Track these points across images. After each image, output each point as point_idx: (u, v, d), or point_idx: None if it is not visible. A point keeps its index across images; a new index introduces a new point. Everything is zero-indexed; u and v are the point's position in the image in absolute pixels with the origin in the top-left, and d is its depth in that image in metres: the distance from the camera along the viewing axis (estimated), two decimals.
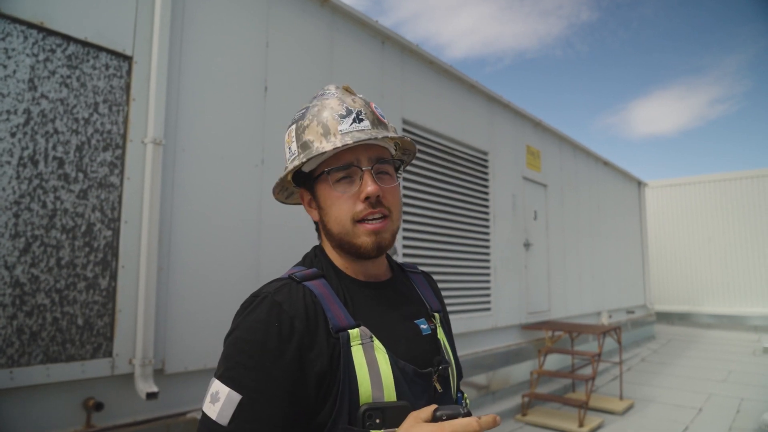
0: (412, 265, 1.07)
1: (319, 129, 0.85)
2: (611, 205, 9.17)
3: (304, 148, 0.86)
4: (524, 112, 6.32)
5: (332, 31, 3.75)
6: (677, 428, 4.65)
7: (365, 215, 0.84)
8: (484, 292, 5.26)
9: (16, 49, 2.15)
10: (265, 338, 0.75)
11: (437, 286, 1.10)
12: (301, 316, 0.77)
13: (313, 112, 0.88)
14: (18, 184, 2.13)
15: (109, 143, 2.44)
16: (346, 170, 0.84)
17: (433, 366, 0.86)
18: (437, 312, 0.98)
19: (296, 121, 0.91)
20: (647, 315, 10.47)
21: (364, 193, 0.83)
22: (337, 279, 0.87)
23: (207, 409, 0.74)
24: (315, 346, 0.76)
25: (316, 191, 0.88)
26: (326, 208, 0.87)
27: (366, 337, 0.80)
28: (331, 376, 0.76)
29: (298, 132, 0.89)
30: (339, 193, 0.84)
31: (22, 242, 2.13)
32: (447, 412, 0.69)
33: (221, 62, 2.96)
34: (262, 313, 0.77)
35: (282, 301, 0.78)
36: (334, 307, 0.81)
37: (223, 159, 2.90)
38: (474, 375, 4.85)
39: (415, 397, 0.80)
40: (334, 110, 0.86)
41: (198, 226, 2.76)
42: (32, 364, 2.12)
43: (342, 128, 0.84)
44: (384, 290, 0.92)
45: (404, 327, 0.88)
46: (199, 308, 2.69)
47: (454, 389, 0.93)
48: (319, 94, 0.93)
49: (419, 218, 4.46)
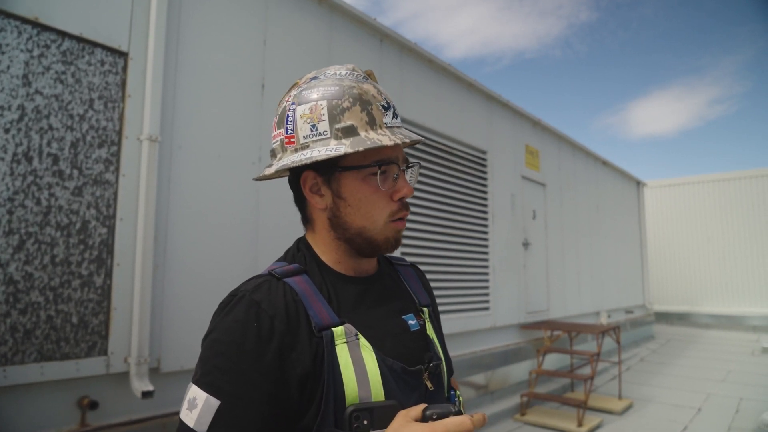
0: (401, 258, 1.04)
1: (363, 116, 0.79)
2: (610, 205, 9.16)
3: (348, 134, 0.78)
4: (523, 112, 6.31)
5: (330, 29, 3.74)
6: (676, 428, 4.64)
7: (398, 216, 0.83)
8: (483, 292, 5.24)
9: (10, 45, 2.13)
10: (242, 340, 0.71)
11: (426, 279, 1.06)
12: (281, 316, 0.73)
13: (351, 94, 0.79)
14: (12, 180, 2.11)
15: (104, 140, 2.42)
16: (390, 165, 0.81)
17: (423, 363, 0.83)
18: (426, 306, 0.94)
19: (326, 97, 0.79)
20: (646, 315, 10.47)
21: (401, 194, 0.82)
22: (320, 274, 0.83)
23: (184, 417, 0.70)
24: (297, 346, 0.73)
25: (339, 180, 0.81)
26: (352, 201, 0.81)
27: (351, 335, 0.76)
28: (314, 378, 0.72)
29: (333, 111, 0.78)
30: (376, 188, 0.81)
31: (16, 239, 2.11)
32: (437, 410, 0.67)
33: (218, 59, 2.94)
34: (239, 313, 0.73)
35: (260, 300, 0.74)
36: (316, 304, 0.77)
37: (220, 157, 2.89)
38: (472, 375, 4.83)
39: (404, 395, 0.77)
40: (377, 99, 0.81)
41: (194, 224, 2.74)
42: (26, 362, 2.10)
43: (386, 121, 0.81)
44: (370, 285, 0.87)
45: (391, 323, 0.84)
46: (194, 306, 2.68)
47: (446, 387, 0.89)
48: (342, 74, 0.83)
49: (418, 217, 4.44)
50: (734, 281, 12.36)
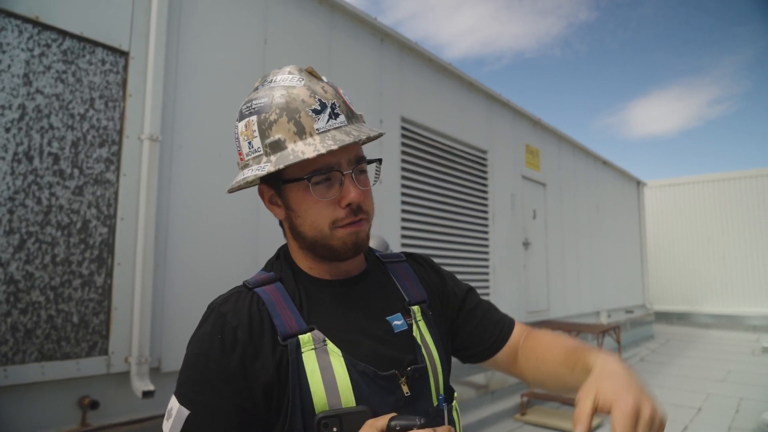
0: (395, 254, 0.98)
1: (291, 126, 0.75)
2: (610, 205, 9.16)
3: (275, 149, 0.75)
4: (523, 111, 6.31)
5: (331, 29, 3.74)
6: (676, 428, 4.64)
7: (346, 222, 0.78)
8: (483, 291, 5.24)
9: (11, 44, 2.13)
10: (209, 351, 0.73)
11: (429, 268, 1.00)
12: (243, 326, 0.74)
13: (278, 104, 0.76)
14: (12, 180, 2.11)
15: (105, 139, 2.42)
16: (327, 174, 0.76)
17: (400, 367, 0.79)
18: (419, 303, 0.89)
19: (256, 112, 0.77)
20: (646, 315, 10.47)
21: (346, 200, 0.77)
22: (294, 281, 0.82)
23: (164, 426, 0.73)
24: (260, 355, 0.73)
25: (285, 192, 0.80)
26: (299, 212, 0.79)
27: (319, 341, 0.74)
28: (279, 386, 0.72)
29: (262, 127, 0.76)
30: (316, 199, 0.77)
31: (16, 239, 2.10)
32: (402, 422, 0.65)
33: (219, 59, 2.94)
34: (208, 326, 0.76)
35: (226, 312, 0.76)
36: (284, 312, 0.76)
37: (221, 156, 2.88)
38: (473, 374, 4.83)
39: (380, 401, 0.74)
40: (306, 104, 0.76)
41: (195, 224, 2.74)
42: (27, 362, 2.10)
43: (318, 126, 0.75)
44: (352, 287, 0.85)
45: (371, 325, 0.81)
46: (195, 306, 2.67)
47: (434, 390, 0.83)
48: (277, 79, 0.79)
49: (418, 217, 4.44)
50: (734, 281, 12.36)
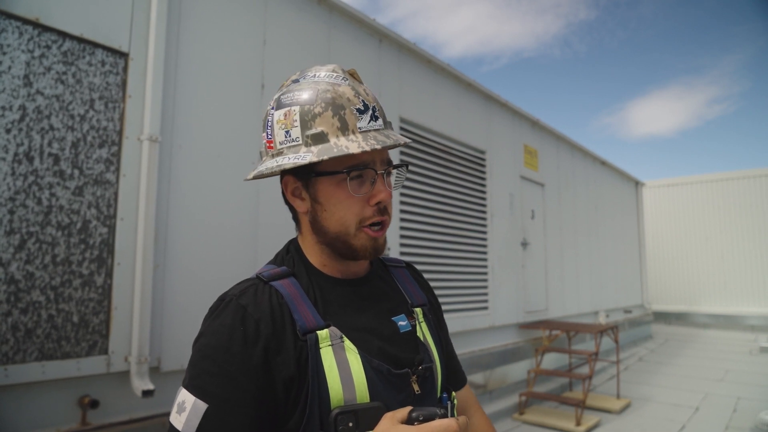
0: (396, 259, 1.03)
1: (335, 122, 0.77)
2: (609, 205, 9.18)
3: (317, 141, 0.77)
4: (522, 111, 6.32)
5: (329, 29, 3.75)
6: (674, 427, 4.66)
7: (373, 221, 0.81)
8: (482, 291, 5.26)
9: (11, 45, 2.14)
10: (229, 343, 0.72)
11: (424, 279, 1.05)
12: (266, 319, 0.74)
13: (324, 98, 0.78)
14: (13, 180, 2.12)
15: (105, 140, 2.43)
16: (363, 171, 0.79)
17: (412, 366, 0.82)
18: (421, 306, 0.93)
19: (299, 103, 0.79)
20: (644, 314, 10.49)
21: (377, 199, 0.80)
22: (308, 277, 0.83)
23: (173, 420, 0.71)
24: (282, 350, 0.73)
25: (315, 185, 0.81)
26: (327, 206, 0.81)
27: (336, 338, 0.76)
28: (299, 381, 0.73)
29: (305, 118, 0.78)
30: (349, 193, 0.79)
31: (17, 239, 2.12)
32: (423, 413, 0.67)
33: (218, 59, 2.95)
34: (226, 318, 0.75)
35: (247, 304, 0.76)
36: (302, 307, 0.77)
37: (220, 157, 2.90)
38: (471, 374, 4.84)
39: (391, 398, 0.77)
40: (351, 102, 0.79)
41: (194, 224, 2.75)
42: (27, 361, 2.11)
43: (361, 125, 0.78)
44: (360, 287, 0.87)
45: (380, 325, 0.83)
46: (195, 306, 2.69)
47: (438, 390, 0.87)
48: (321, 75, 0.82)
49: (416, 217, 4.46)
50: (732, 281, 12.38)
